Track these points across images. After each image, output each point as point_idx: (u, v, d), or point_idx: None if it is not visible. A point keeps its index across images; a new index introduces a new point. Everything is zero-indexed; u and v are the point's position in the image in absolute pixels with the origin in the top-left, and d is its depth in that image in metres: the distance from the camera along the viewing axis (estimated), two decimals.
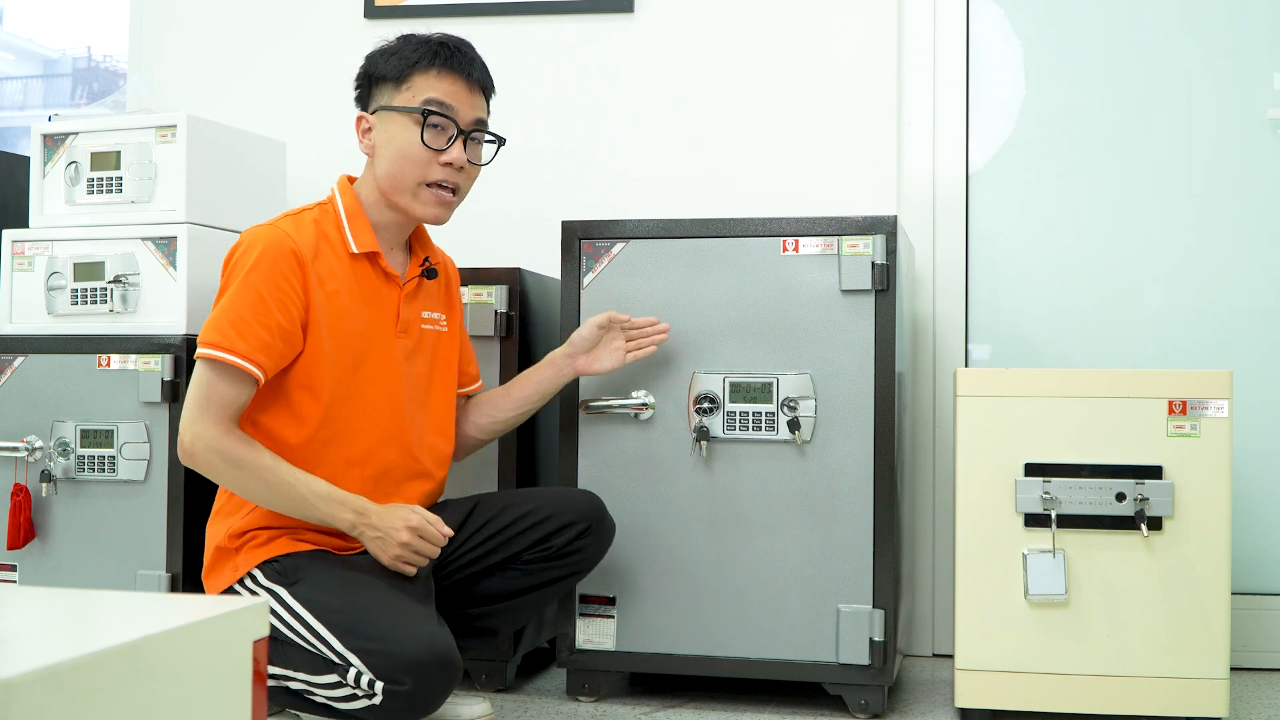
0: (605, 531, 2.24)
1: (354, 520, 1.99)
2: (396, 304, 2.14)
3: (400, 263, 2.19)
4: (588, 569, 2.25)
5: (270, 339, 1.98)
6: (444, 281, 2.28)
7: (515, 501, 2.22)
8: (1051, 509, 2.23)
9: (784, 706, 2.39)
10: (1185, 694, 2.20)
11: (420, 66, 2.11)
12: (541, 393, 2.31)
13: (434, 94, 2.09)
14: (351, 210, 2.12)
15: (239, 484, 1.99)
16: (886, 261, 2.31)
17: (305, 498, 1.97)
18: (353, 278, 2.09)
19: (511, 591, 2.19)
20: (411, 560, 2.01)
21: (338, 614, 1.92)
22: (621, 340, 2.31)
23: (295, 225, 2.07)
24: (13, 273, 2.61)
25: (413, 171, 2.09)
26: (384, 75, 2.13)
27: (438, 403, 2.22)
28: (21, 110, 7.15)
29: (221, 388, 1.96)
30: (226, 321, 1.97)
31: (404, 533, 1.98)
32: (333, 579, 1.98)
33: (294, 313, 2.01)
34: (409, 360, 2.16)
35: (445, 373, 2.25)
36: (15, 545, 2.48)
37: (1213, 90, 2.90)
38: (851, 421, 2.32)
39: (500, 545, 2.17)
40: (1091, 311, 2.92)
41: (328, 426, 2.07)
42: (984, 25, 2.99)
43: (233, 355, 1.95)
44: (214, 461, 1.96)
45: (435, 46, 2.12)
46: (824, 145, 2.99)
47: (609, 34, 3.10)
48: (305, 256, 2.03)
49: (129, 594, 1.17)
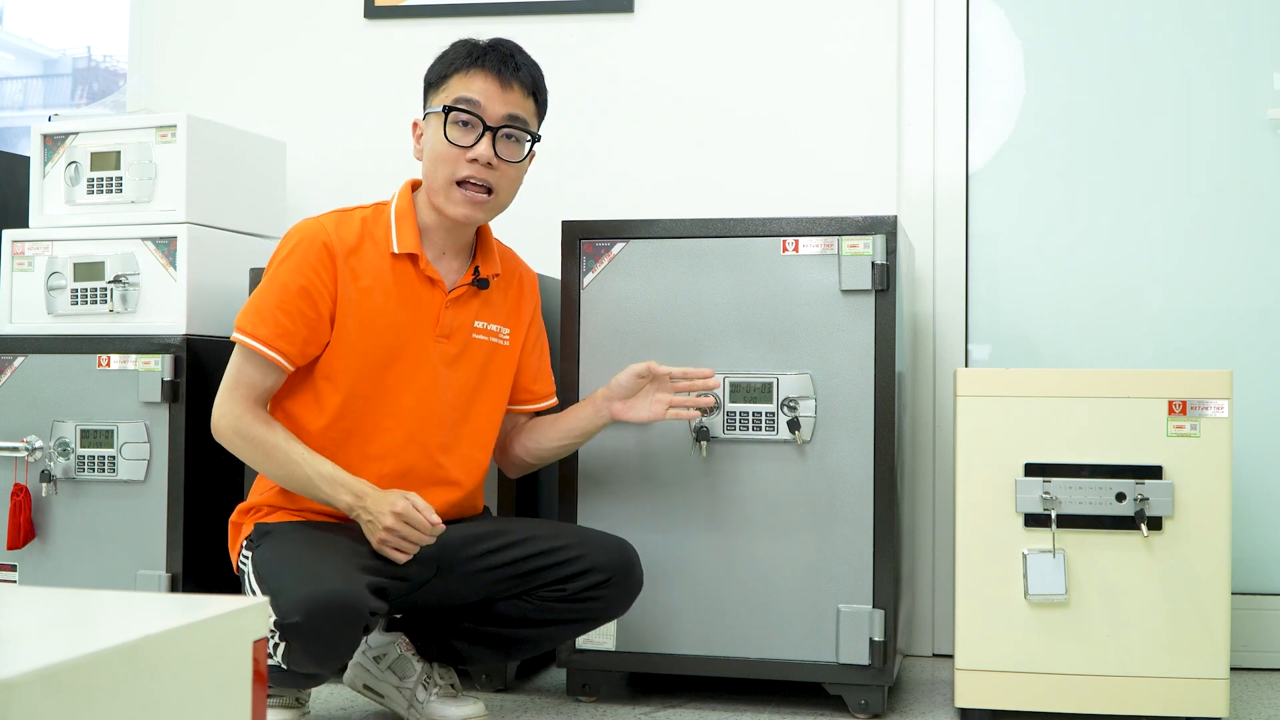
0: (629, 586, 2.17)
1: (351, 502, 2.02)
2: (438, 309, 2.15)
3: (453, 269, 2.19)
4: (604, 619, 2.21)
5: (293, 326, 2.05)
6: (513, 295, 2.28)
7: (548, 534, 2.18)
8: (1051, 509, 2.23)
9: (784, 706, 2.39)
10: (1185, 694, 2.20)
11: (457, 68, 2.13)
12: (581, 430, 2.27)
13: (463, 92, 2.11)
14: (402, 212, 2.16)
15: (255, 460, 2.08)
16: (886, 261, 2.31)
17: (310, 478, 2.03)
18: (391, 277, 2.12)
19: (525, 620, 2.16)
20: (398, 545, 2.00)
21: (269, 564, 1.99)
22: (665, 393, 2.23)
23: (339, 221, 2.13)
24: (13, 273, 2.61)
25: (443, 169, 2.12)
26: (429, 81, 2.18)
27: (481, 414, 2.22)
28: (21, 110, 7.14)
29: (248, 371, 2.07)
30: (253, 309, 2.07)
31: (389, 517, 1.98)
32: (291, 538, 2.04)
33: (320, 303, 2.07)
34: (450, 367, 2.16)
35: (496, 386, 2.24)
36: (15, 545, 2.48)
37: (1213, 90, 2.90)
38: (851, 421, 2.32)
39: (520, 575, 2.14)
40: (1091, 311, 2.92)
41: (346, 418, 2.11)
42: (984, 25, 2.99)
43: (254, 341, 2.05)
44: (234, 440, 2.07)
45: (473, 47, 2.15)
46: (824, 145, 2.99)
47: (609, 34, 3.10)
48: (338, 250, 2.08)
49: (129, 594, 1.17)
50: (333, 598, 1.86)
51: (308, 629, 1.84)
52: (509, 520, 2.26)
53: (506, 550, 2.14)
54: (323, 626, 1.85)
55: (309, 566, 1.93)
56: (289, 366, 2.07)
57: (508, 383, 2.27)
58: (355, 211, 2.16)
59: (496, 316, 2.24)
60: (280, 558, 2.00)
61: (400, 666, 2.21)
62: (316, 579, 1.88)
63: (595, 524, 2.38)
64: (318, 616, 1.84)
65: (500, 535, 2.16)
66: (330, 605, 1.85)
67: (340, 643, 1.90)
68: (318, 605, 1.84)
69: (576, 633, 2.25)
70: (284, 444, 2.04)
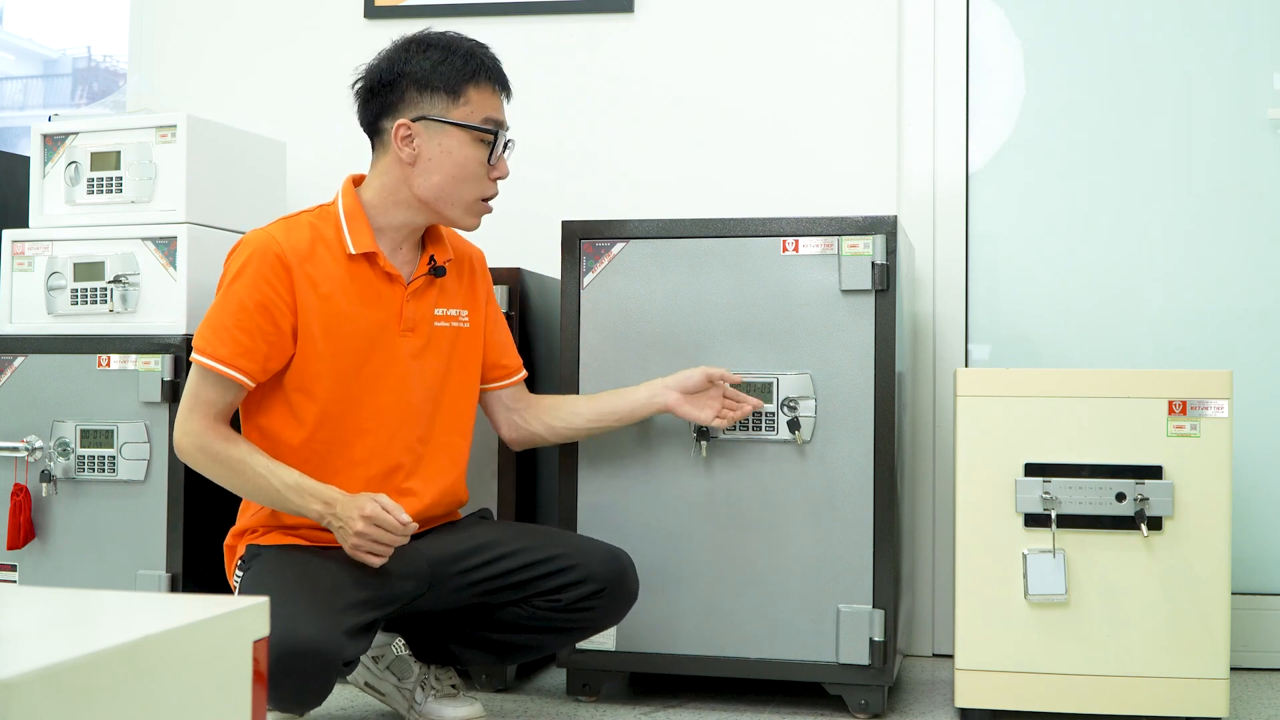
0: (622, 596, 2.17)
1: (321, 511, 1.99)
2: (400, 304, 2.14)
3: (407, 261, 2.17)
4: (597, 629, 2.21)
5: (252, 343, 2.02)
6: (465, 276, 2.26)
7: (541, 543, 2.16)
8: (1051, 509, 2.23)
9: (784, 706, 2.39)
10: (1185, 694, 2.20)
11: (474, 81, 2.11)
12: (628, 411, 2.27)
13: (492, 112, 2.12)
14: (351, 212, 2.12)
15: (221, 478, 2.05)
16: (886, 261, 2.31)
17: (277, 489, 2.00)
18: (349, 279, 2.09)
19: (520, 626, 2.16)
20: (372, 549, 1.97)
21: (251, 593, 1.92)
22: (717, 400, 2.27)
23: (287, 229, 2.09)
24: (13, 273, 2.61)
25: (473, 188, 2.12)
26: (432, 85, 2.09)
27: (454, 401, 2.21)
28: (21, 110, 7.14)
29: (206, 390, 2.03)
30: (210, 328, 2.04)
31: (359, 522, 1.94)
32: (278, 563, 2.01)
33: (279, 317, 2.03)
34: (418, 359, 2.15)
35: (464, 370, 2.23)
36: (15, 545, 2.48)
37: (1213, 90, 2.90)
38: (851, 421, 2.32)
39: (512, 585, 2.13)
40: (1091, 311, 2.92)
41: (326, 427, 2.08)
42: (984, 25, 2.99)
43: (213, 361, 2.01)
44: (198, 457, 2.04)
45: (469, 56, 2.12)
46: (824, 145, 2.99)
47: (609, 34, 3.10)
48: (291, 260, 2.04)
49: (129, 594, 1.17)
50: (305, 646, 1.81)
51: (277, 674, 1.78)
52: (501, 528, 2.24)
53: (499, 562, 2.13)
54: (292, 675, 1.81)
55: (287, 607, 1.84)
56: (250, 384, 2.03)
57: (476, 365, 2.25)
58: (301, 216, 2.13)
59: (455, 301, 2.22)
60: (263, 591, 1.91)
61: (398, 667, 2.21)
62: (292, 622, 1.81)
63: (594, 523, 2.39)
64: (287, 664, 1.79)
65: (492, 547, 2.14)
66: (301, 654, 1.81)
67: (310, 692, 1.86)
68: (288, 653, 1.78)
69: (571, 641, 2.25)
70: (246, 457, 2.01)
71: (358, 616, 1.93)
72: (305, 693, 1.86)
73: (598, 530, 2.37)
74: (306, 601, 1.89)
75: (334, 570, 1.99)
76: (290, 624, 1.81)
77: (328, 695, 1.90)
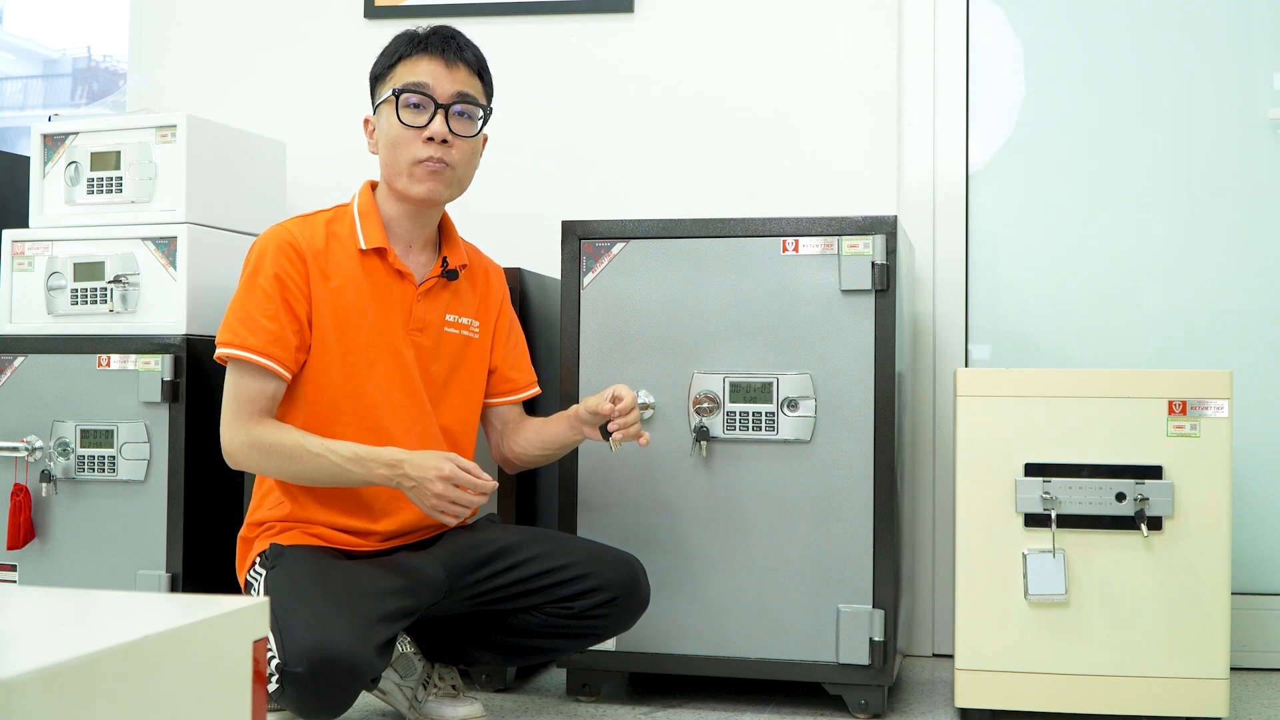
0: (634, 604, 2.17)
1: (388, 474, 1.99)
2: (410, 302, 2.14)
3: (421, 263, 2.19)
4: (609, 635, 2.21)
5: (280, 330, 2.03)
6: (480, 287, 2.27)
7: (554, 550, 2.16)
8: (1051, 509, 2.23)
9: (784, 706, 2.39)
10: (1185, 694, 2.20)
11: (400, 56, 2.14)
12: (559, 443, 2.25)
13: (410, 77, 2.11)
14: (365, 209, 2.15)
15: (280, 469, 2.03)
16: (886, 261, 2.31)
17: (338, 465, 1.99)
18: (362, 275, 2.11)
19: (531, 631, 2.16)
20: (449, 510, 1.99)
21: (281, 596, 1.92)
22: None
23: (302, 225, 2.12)
24: (13, 273, 2.61)
25: (402, 153, 2.11)
26: (376, 75, 2.18)
27: (457, 406, 2.21)
28: (21, 110, 7.14)
29: (245, 384, 2.03)
30: (236, 320, 2.04)
31: (438, 483, 1.96)
32: (306, 570, 1.98)
33: (295, 306, 2.05)
34: (425, 360, 2.16)
35: (467, 380, 2.23)
36: (15, 545, 2.48)
37: (1213, 90, 2.90)
38: (851, 421, 2.32)
39: (526, 593, 2.13)
40: (1091, 311, 2.92)
41: (337, 424, 2.09)
42: (984, 25, 2.99)
43: (244, 351, 2.02)
44: (251, 455, 2.02)
45: (414, 35, 2.15)
46: (824, 145, 2.99)
47: (609, 34, 3.10)
48: (306, 252, 2.07)
49: (129, 594, 1.16)
50: (341, 658, 1.80)
51: (308, 683, 1.79)
52: (514, 533, 2.23)
53: (513, 570, 2.13)
54: (324, 684, 1.80)
55: (321, 613, 1.85)
56: (286, 374, 2.04)
57: (481, 375, 2.26)
58: (317, 215, 2.15)
59: (466, 310, 2.23)
60: (293, 593, 1.92)
61: (402, 665, 2.21)
62: (327, 629, 1.81)
63: (595, 524, 2.39)
64: (321, 674, 1.79)
65: (506, 555, 2.14)
66: (336, 664, 1.80)
67: (337, 702, 1.85)
68: (323, 662, 1.78)
69: (582, 646, 2.24)
70: (300, 440, 2.00)
71: (387, 630, 1.93)
72: (332, 703, 1.85)
73: (598, 530, 2.37)
74: (341, 612, 1.88)
75: (363, 580, 1.98)
76: (326, 634, 1.81)
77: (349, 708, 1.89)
